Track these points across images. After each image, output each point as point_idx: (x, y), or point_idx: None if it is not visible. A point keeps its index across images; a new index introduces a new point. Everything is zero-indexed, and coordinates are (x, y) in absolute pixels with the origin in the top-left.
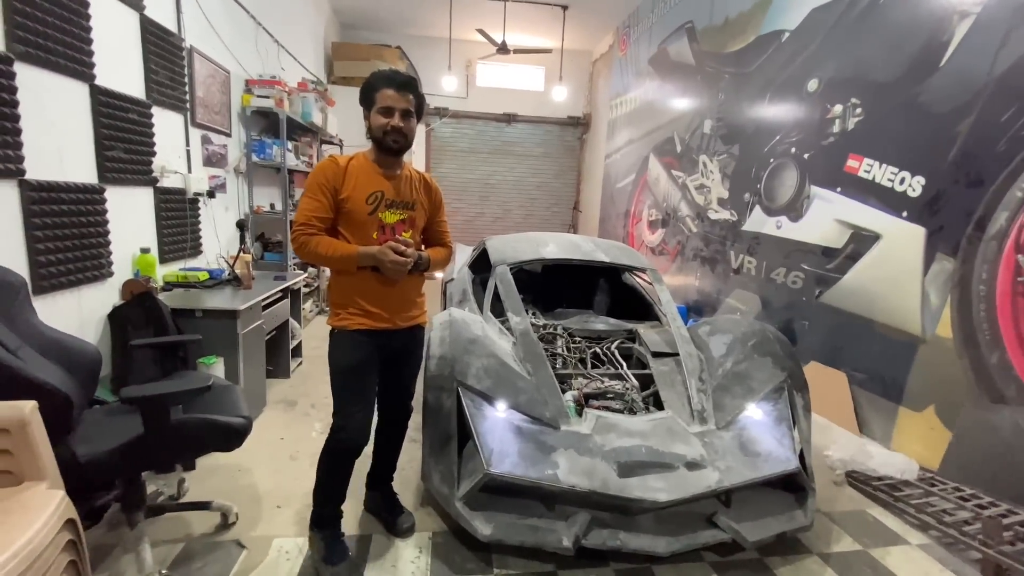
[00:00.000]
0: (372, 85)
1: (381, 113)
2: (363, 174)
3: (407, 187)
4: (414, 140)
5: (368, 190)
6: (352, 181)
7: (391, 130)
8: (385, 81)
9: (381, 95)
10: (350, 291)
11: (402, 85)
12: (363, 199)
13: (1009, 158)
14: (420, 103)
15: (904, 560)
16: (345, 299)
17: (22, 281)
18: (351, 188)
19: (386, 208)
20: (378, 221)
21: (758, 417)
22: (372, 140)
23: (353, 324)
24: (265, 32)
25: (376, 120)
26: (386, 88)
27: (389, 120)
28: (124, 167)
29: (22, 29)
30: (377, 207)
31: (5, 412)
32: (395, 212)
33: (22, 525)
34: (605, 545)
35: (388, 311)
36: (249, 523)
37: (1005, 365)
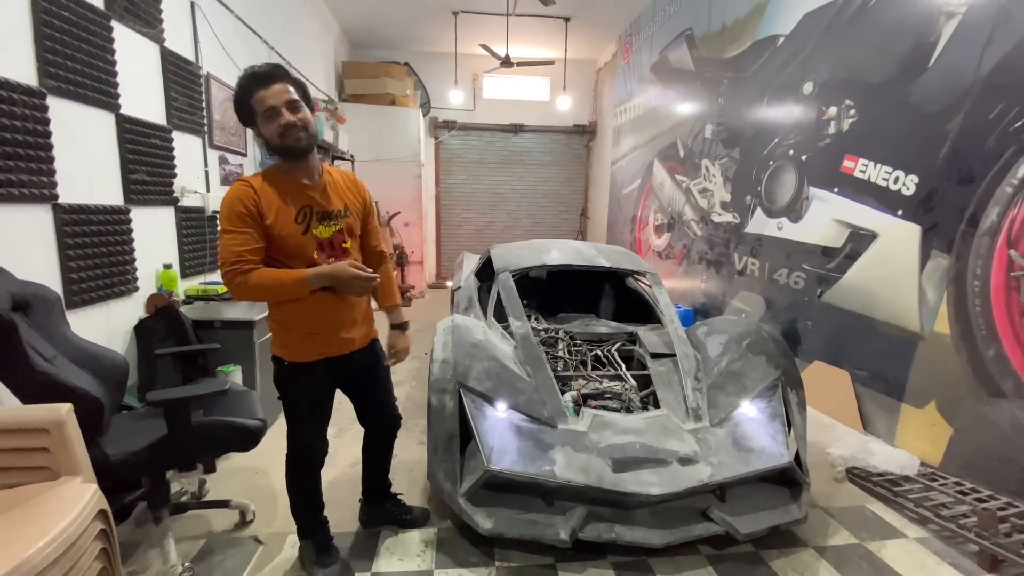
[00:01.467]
0: (241, 96)
1: (266, 118)
2: (282, 191)
3: (333, 193)
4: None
5: (295, 207)
6: (273, 202)
7: (286, 128)
8: (251, 82)
9: (256, 100)
10: (299, 323)
11: (267, 78)
12: (291, 219)
13: (998, 154)
14: (302, 90)
15: (900, 553)
16: (292, 326)
17: (56, 296)
18: (274, 210)
19: (318, 222)
20: (314, 239)
21: (752, 414)
22: (275, 152)
23: (303, 357)
24: (277, 55)
25: (266, 128)
26: (257, 90)
27: (279, 118)
28: (147, 189)
29: (53, 65)
30: (309, 223)
31: (44, 413)
32: (328, 225)
33: (59, 514)
34: (601, 538)
35: (344, 331)
36: (266, 520)
37: (1002, 359)
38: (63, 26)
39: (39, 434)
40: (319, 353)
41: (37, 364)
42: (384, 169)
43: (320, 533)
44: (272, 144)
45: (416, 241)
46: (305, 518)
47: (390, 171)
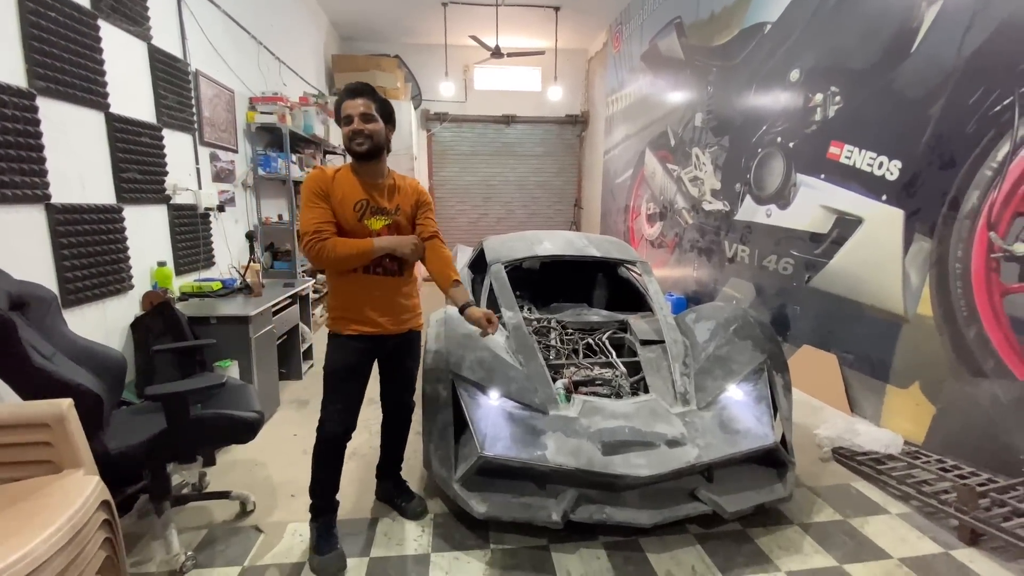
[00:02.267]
0: (336, 106)
1: (344, 123)
2: (347, 184)
3: (389, 195)
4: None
5: (354, 199)
6: (339, 190)
7: (353, 134)
8: (344, 95)
9: (343, 108)
10: (350, 297)
11: (354, 91)
12: (351, 207)
13: (978, 139)
14: (383, 107)
15: (883, 528)
16: (344, 305)
17: (53, 295)
18: (339, 197)
19: (371, 215)
20: (366, 228)
21: (738, 397)
22: (346, 150)
23: (348, 329)
24: (266, 50)
25: (343, 131)
26: (344, 100)
27: (350, 126)
28: (139, 187)
29: (41, 66)
30: (363, 214)
31: (45, 409)
32: (379, 219)
33: (64, 506)
34: (592, 519)
35: (384, 316)
36: (266, 511)
37: (982, 339)
38: (50, 26)
39: (41, 429)
40: (358, 330)
41: (36, 362)
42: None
43: (326, 518)
44: (344, 145)
45: None
46: (318, 497)
47: None
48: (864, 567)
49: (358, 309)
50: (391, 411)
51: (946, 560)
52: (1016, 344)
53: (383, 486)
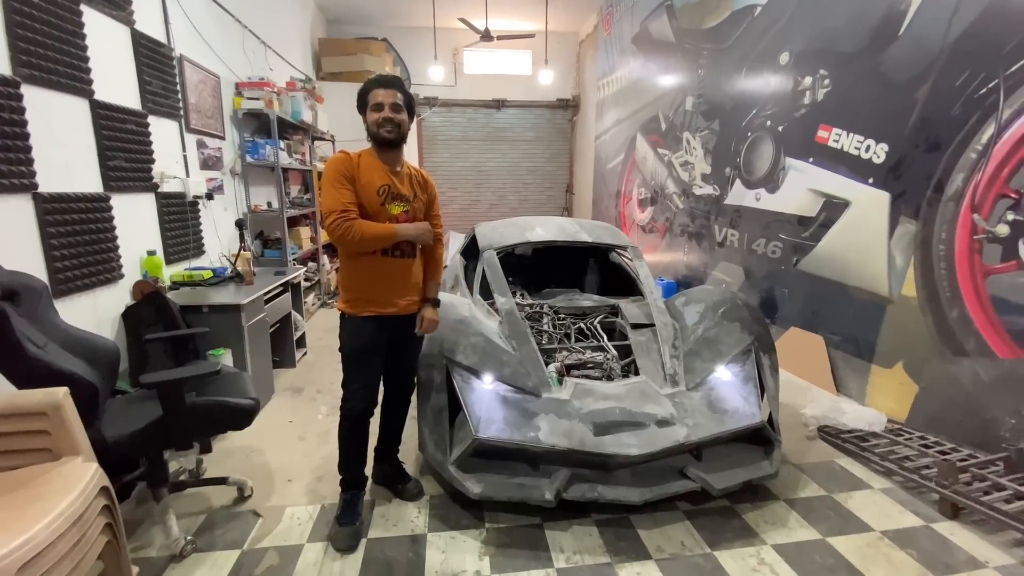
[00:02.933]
0: (364, 90)
1: (373, 109)
2: (371, 169)
3: (407, 182)
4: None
5: (378, 183)
6: (364, 174)
7: (383, 121)
8: (374, 83)
9: (371, 96)
10: (367, 279)
11: (388, 83)
12: (374, 191)
13: (963, 122)
14: (409, 101)
15: (865, 503)
16: (361, 287)
17: (43, 285)
18: (364, 180)
19: (392, 200)
20: (386, 212)
21: (726, 378)
22: (371, 138)
23: (365, 311)
24: (252, 34)
25: (370, 117)
26: (375, 89)
27: (380, 113)
28: (126, 175)
29: (25, 53)
30: (385, 199)
31: (42, 398)
32: (399, 205)
33: (63, 492)
34: (584, 497)
35: (393, 297)
36: (263, 495)
37: (965, 319)
38: (33, 12)
39: (39, 417)
40: (371, 311)
41: (31, 351)
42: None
43: (353, 492)
44: (371, 131)
45: None
46: (350, 468)
47: None
48: (847, 540)
49: (376, 291)
50: (393, 390)
51: (927, 532)
52: (997, 323)
53: (380, 469)
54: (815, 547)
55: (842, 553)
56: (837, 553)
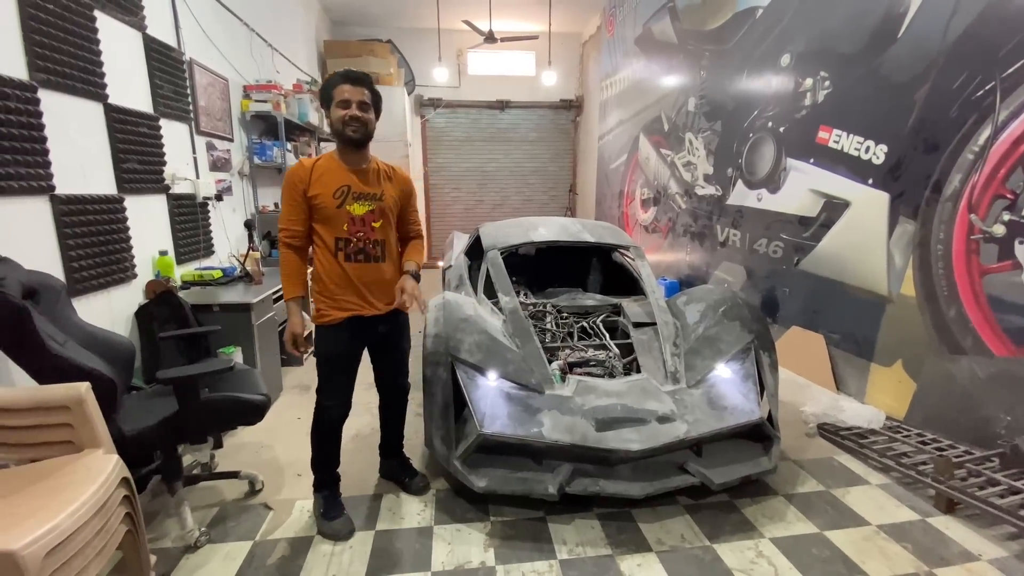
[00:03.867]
0: (328, 84)
1: (339, 106)
2: (329, 172)
3: (374, 179)
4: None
5: (335, 185)
6: (319, 179)
7: (349, 120)
8: (340, 78)
9: (338, 91)
10: (330, 284)
11: (356, 80)
12: (331, 194)
13: (961, 123)
14: (377, 100)
15: (863, 498)
16: (330, 292)
17: (62, 284)
18: (319, 186)
19: (354, 200)
20: (347, 214)
21: (726, 375)
22: (334, 135)
23: (331, 319)
24: (259, 37)
25: (335, 113)
26: (341, 84)
27: (347, 111)
28: (139, 177)
29: (41, 58)
30: (344, 200)
31: (65, 392)
32: (363, 204)
33: (86, 482)
34: (586, 491)
35: (365, 299)
36: (274, 489)
37: (962, 318)
38: (48, 18)
39: (61, 411)
40: (340, 316)
41: (53, 348)
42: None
43: (331, 489)
44: (335, 129)
45: None
46: (321, 472)
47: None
48: (844, 533)
49: (344, 295)
50: (387, 395)
51: (922, 526)
52: (994, 322)
53: (387, 464)
54: (812, 540)
55: (838, 546)
56: (833, 546)
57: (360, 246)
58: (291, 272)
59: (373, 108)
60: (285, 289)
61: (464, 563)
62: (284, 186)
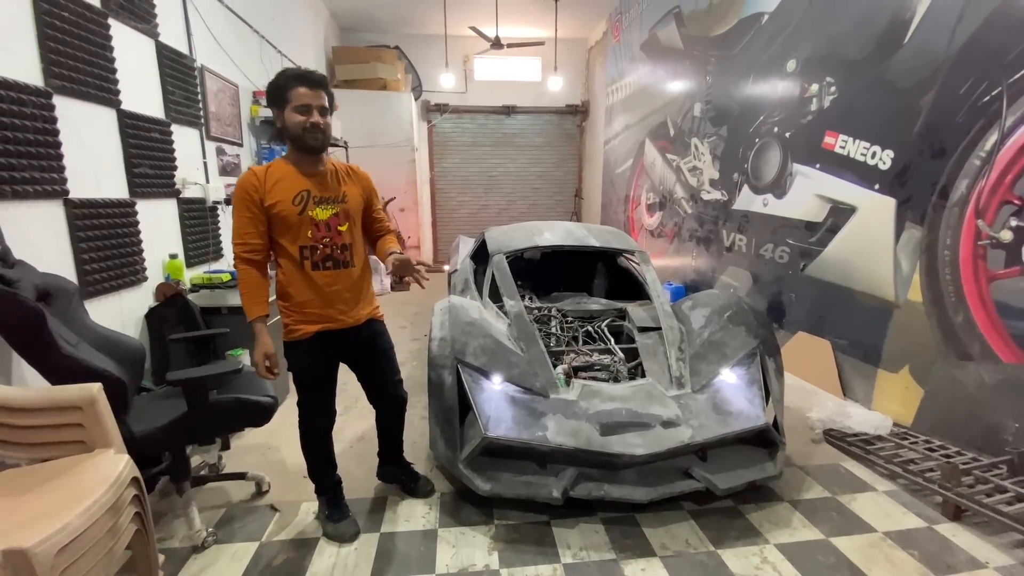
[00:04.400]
0: (283, 84)
1: (297, 111)
2: (284, 178)
3: (332, 181)
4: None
5: (293, 191)
6: (275, 187)
7: (311, 127)
8: (298, 79)
9: (295, 93)
10: (296, 297)
11: (315, 83)
12: (290, 201)
13: (967, 128)
14: (331, 100)
15: (869, 504)
16: (297, 307)
17: (75, 287)
18: (276, 194)
19: (315, 205)
20: (310, 220)
21: (731, 380)
22: (289, 139)
23: (300, 334)
24: (268, 44)
25: (292, 118)
26: (299, 86)
27: (307, 117)
28: (151, 182)
29: (56, 65)
30: (305, 206)
31: (78, 392)
32: (326, 208)
33: (98, 482)
34: (591, 495)
35: (336, 310)
36: (280, 491)
37: (969, 324)
38: (64, 26)
39: (73, 411)
40: (311, 330)
41: (65, 349)
42: (378, 154)
43: (333, 492)
44: (292, 133)
45: (412, 226)
46: (319, 477)
47: (384, 156)
48: (850, 540)
49: (312, 307)
50: (383, 407)
51: (929, 534)
52: (1001, 328)
53: (386, 469)
54: (817, 547)
55: (844, 553)
56: (839, 553)
57: (327, 252)
58: (252, 289)
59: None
60: (248, 309)
61: (468, 566)
62: (235, 198)
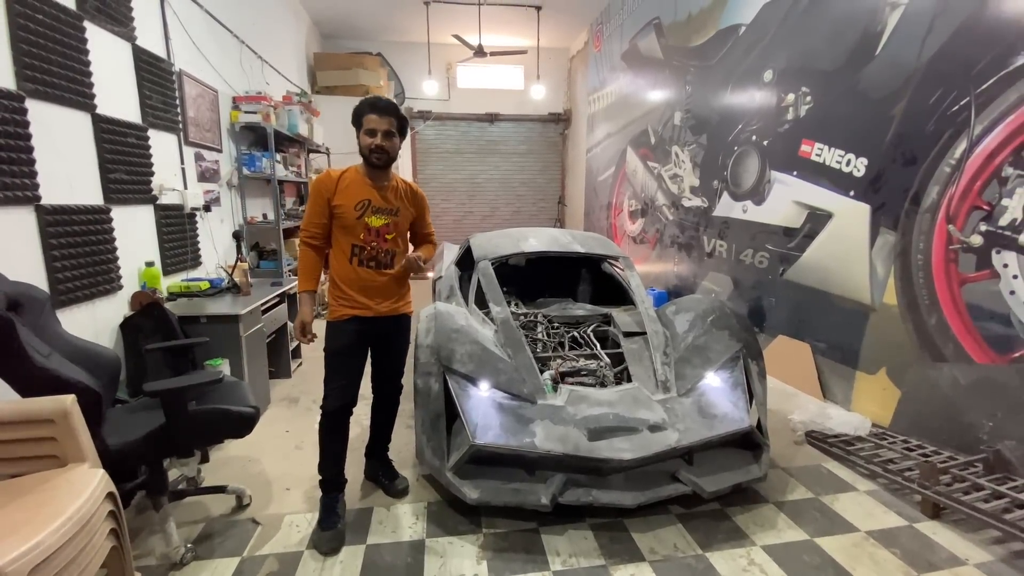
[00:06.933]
0: (359, 111)
1: (366, 134)
2: (354, 185)
3: (393, 196)
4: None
5: (357, 198)
6: (344, 191)
7: (375, 148)
8: (369, 107)
9: (366, 119)
10: (342, 284)
11: (383, 110)
12: (352, 206)
13: (937, 137)
14: (402, 124)
15: (851, 504)
16: (342, 293)
17: (46, 296)
18: (343, 197)
19: (372, 213)
20: (364, 224)
21: (715, 384)
22: (361, 156)
23: (340, 314)
24: (248, 49)
25: (363, 140)
26: (370, 113)
27: (373, 140)
28: (126, 188)
29: (30, 68)
30: (364, 212)
31: (50, 405)
32: (381, 217)
33: (71, 497)
34: (579, 501)
35: (372, 300)
36: (262, 504)
37: (943, 326)
38: (38, 28)
39: (46, 425)
40: (348, 313)
41: (37, 360)
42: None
43: (332, 495)
44: (362, 152)
45: None
46: (324, 470)
47: None
48: (834, 540)
49: (354, 296)
50: (382, 393)
51: (910, 532)
52: (974, 330)
53: (370, 464)
54: (803, 547)
55: (829, 553)
56: (824, 553)
57: (373, 254)
58: (308, 268)
59: (399, 133)
60: (301, 282)
61: None
62: (311, 191)
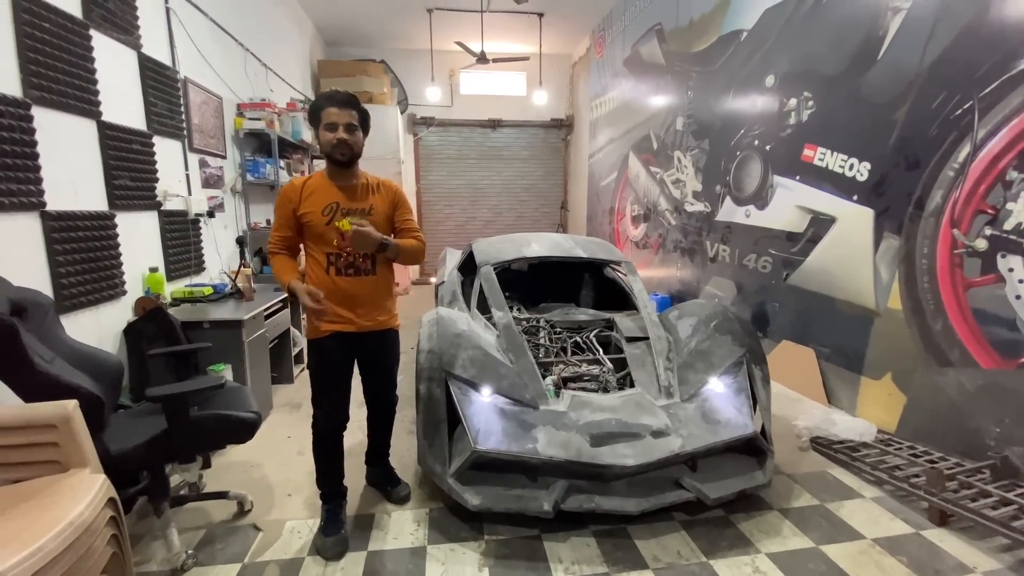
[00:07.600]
0: (317, 106)
1: (326, 129)
2: (319, 190)
3: (362, 194)
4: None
5: (324, 203)
6: (309, 199)
7: (337, 143)
8: (327, 100)
9: (325, 113)
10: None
11: (343, 102)
12: (319, 212)
13: (941, 141)
14: (364, 118)
15: (857, 511)
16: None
17: (50, 301)
18: (309, 205)
19: (343, 216)
20: (336, 230)
21: (719, 389)
22: (324, 155)
23: (325, 331)
24: (253, 57)
25: (323, 136)
26: (329, 106)
27: (334, 135)
28: (131, 194)
29: (36, 76)
30: (333, 217)
31: (52, 410)
32: (353, 219)
33: (72, 503)
34: (582, 508)
35: (355, 313)
36: (263, 510)
37: (948, 331)
38: (44, 36)
39: (48, 430)
40: (331, 329)
41: (39, 365)
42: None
43: (334, 503)
44: (323, 150)
45: None
46: (323, 485)
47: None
48: (839, 547)
49: (334, 310)
50: (375, 408)
51: (917, 539)
52: (979, 335)
53: (372, 471)
54: (808, 555)
55: (834, 560)
56: (829, 560)
57: (350, 260)
58: (283, 267)
59: (361, 127)
60: (282, 279)
61: None
62: (276, 204)
